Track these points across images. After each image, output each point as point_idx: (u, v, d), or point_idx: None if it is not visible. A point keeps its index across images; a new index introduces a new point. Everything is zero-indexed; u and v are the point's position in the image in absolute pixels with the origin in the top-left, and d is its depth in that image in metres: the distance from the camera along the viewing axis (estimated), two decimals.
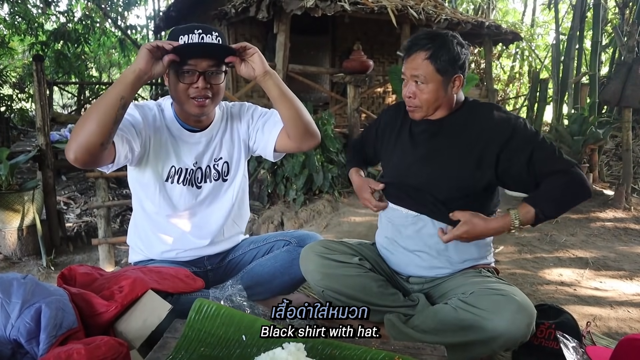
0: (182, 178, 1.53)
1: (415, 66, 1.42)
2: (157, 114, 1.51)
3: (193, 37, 1.35)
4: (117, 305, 1.28)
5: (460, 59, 1.41)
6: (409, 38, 1.47)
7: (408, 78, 1.45)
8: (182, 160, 1.53)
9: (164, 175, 1.52)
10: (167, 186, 1.53)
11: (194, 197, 1.57)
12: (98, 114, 1.23)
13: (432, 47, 1.39)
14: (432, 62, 1.39)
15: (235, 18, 6.03)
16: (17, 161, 4.33)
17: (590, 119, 5.86)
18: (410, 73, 1.43)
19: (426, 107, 1.45)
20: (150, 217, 1.58)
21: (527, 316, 1.26)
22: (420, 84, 1.42)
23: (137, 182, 1.56)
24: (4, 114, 8.99)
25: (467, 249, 1.50)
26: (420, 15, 5.80)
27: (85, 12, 11.20)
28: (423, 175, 1.48)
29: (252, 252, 1.74)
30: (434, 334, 1.33)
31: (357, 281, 1.48)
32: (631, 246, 3.99)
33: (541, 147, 1.37)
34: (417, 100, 1.45)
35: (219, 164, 1.60)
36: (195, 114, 1.46)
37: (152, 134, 1.48)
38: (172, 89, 1.43)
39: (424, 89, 1.42)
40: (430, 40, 1.40)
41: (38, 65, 4.41)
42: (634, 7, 6.94)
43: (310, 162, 4.93)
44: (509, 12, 12.70)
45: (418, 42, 1.42)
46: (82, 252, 4.57)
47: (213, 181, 1.59)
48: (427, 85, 1.41)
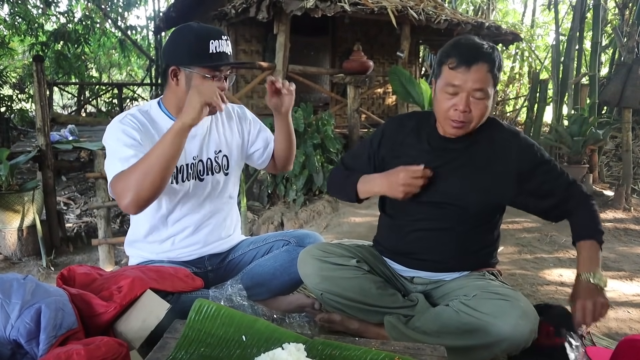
0: (186, 175, 1.53)
1: (478, 79, 1.30)
2: (144, 131, 1.45)
3: (221, 42, 1.42)
4: (116, 305, 1.28)
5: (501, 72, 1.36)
6: (466, 45, 1.33)
7: (466, 90, 1.32)
8: (182, 157, 1.50)
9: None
10: (171, 188, 1.52)
11: (197, 190, 1.57)
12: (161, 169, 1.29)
13: (495, 59, 1.30)
14: (492, 77, 1.31)
15: (235, 18, 6.03)
16: (17, 161, 4.33)
17: (590, 120, 5.86)
18: (472, 86, 1.31)
19: (476, 123, 1.37)
20: (154, 218, 1.57)
21: (530, 322, 1.26)
22: (478, 99, 1.32)
23: None
24: (4, 114, 8.99)
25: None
26: (420, 16, 5.80)
27: (86, 12, 11.21)
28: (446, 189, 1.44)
29: (252, 252, 1.73)
30: (436, 336, 1.33)
31: (356, 283, 1.48)
32: (631, 247, 3.99)
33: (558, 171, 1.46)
34: (470, 115, 1.34)
35: (219, 156, 1.60)
36: (212, 112, 1.46)
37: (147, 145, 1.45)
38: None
39: (481, 105, 1.33)
40: (490, 52, 1.31)
41: (38, 66, 4.41)
42: (633, 8, 6.95)
43: (310, 163, 4.93)
44: (509, 12, 12.70)
45: (483, 51, 1.30)
46: (82, 252, 4.57)
47: (215, 174, 1.60)
48: (486, 100, 1.33)
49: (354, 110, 5.82)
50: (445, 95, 1.35)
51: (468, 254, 1.49)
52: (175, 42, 1.46)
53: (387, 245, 1.59)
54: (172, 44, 1.46)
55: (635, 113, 6.98)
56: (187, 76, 1.42)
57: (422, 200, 1.45)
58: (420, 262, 1.52)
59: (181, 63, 1.42)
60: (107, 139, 1.43)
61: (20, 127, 9.47)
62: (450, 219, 1.46)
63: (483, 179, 1.42)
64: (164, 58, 1.49)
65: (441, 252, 1.49)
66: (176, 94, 1.47)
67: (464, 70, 1.30)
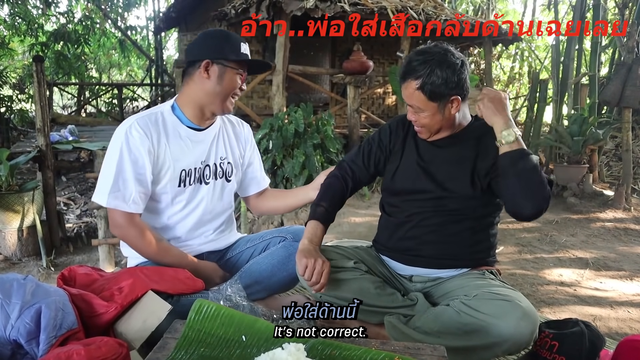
0: (193, 179, 1.57)
1: (408, 95, 1.42)
2: (154, 137, 1.49)
3: (246, 46, 1.54)
4: (116, 306, 1.28)
5: (453, 80, 1.37)
6: (409, 58, 1.43)
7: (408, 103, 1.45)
8: (190, 161, 1.56)
9: (176, 183, 1.54)
10: (176, 190, 1.55)
11: (201, 193, 1.60)
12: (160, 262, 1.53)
13: (422, 76, 1.37)
14: (422, 92, 1.38)
15: (235, 19, 6.03)
16: (17, 162, 4.33)
17: (590, 120, 5.86)
18: (407, 101, 1.44)
19: (427, 130, 1.47)
20: (154, 220, 1.58)
21: (531, 323, 1.26)
22: (417, 111, 1.43)
23: None
24: (4, 114, 8.99)
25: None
26: (420, 15, 5.80)
27: (85, 13, 11.22)
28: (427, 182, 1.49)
29: (249, 250, 1.74)
30: (436, 337, 1.33)
31: (354, 284, 1.48)
32: (631, 246, 3.99)
33: None
34: (418, 123, 1.47)
35: (224, 162, 1.65)
36: (228, 111, 1.58)
37: (157, 156, 1.50)
38: (223, 85, 1.51)
39: (421, 116, 1.43)
40: (421, 67, 1.37)
41: (38, 66, 4.40)
42: (633, 8, 6.95)
43: (310, 163, 4.93)
44: (509, 12, 12.70)
45: (410, 69, 1.39)
46: (82, 252, 4.56)
47: (219, 179, 1.64)
48: (423, 112, 1.42)
49: (354, 110, 5.82)
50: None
51: (464, 250, 1.49)
52: (208, 40, 1.52)
53: (385, 243, 1.60)
54: (204, 41, 1.52)
55: (635, 113, 6.98)
56: (220, 70, 1.49)
57: (416, 197, 1.50)
58: (417, 258, 1.53)
59: (217, 57, 1.48)
60: (112, 148, 1.46)
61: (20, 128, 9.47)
62: (443, 213, 1.48)
63: (464, 169, 1.46)
64: (193, 55, 1.52)
65: (437, 248, 1.50)
66: (202, 88, 1.51)
67: (401, 85, 1.43)
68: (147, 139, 1.46)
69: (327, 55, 7.88)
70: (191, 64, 1.52)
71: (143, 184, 1.47)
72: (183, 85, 1.56)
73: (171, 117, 1.55)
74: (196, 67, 1.50)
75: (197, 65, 1.50)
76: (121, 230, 1.48)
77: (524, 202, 1.33)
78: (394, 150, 1.59)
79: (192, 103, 1.54)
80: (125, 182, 1.44)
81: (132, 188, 1.44)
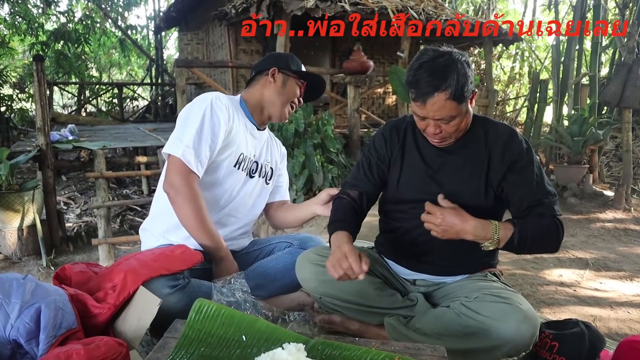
0: (244, 165, 1.66)
1: (437, 109, 1.29)
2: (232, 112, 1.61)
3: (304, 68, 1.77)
4: (110, 306, 1.27)
5: (470, 77, 1.30)
6: (424, 74, 1.28)
7: (430, 118, 1.32)
8: (248, 150, 1.67)
9: (233, 161, 1.62)
10: (233, 171, 1.62)
11: (248, 184, 1.68)
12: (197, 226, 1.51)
13: (450, 86, 1.26)
14: (453, 99, 1.27)
15: (236, 18, 6.03)
16: (17, 161, 4.33)
17: (590, 120, 5.86)
18: (433, 116, 1.31)
19: (455, 136, 1.39)
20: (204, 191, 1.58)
21: (531, 326, 1.26)
22: (446, 122, 1.32)
23: None
24: (4, 114, 8.99)
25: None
26: (420, 15, 5.80)
27: (86, 12, 11.21)
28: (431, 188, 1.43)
29: (255, 252, 1.75)
30: (437, 338, 1.33)
31: (353, 286, 1.47)
32: (631, 247, 3.99)
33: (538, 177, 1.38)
34: (444, 134, 1.36)
35: (269, 165, 1.78)
36: (284, 118, 1.74)
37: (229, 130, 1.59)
38: (285, 91, 1.69)
39: (451, 125, 1.33)
40: (444, 78, 1.26)
41: (38, 65, 4.40)
42: (634, 8, 6.95)
43: (310, 163, 4.93)
44: (509, 12, 12.70)
45: (432, 84, 1.27)
46: (82, 252, 4.56)
47: (261, 177, 1.75)
48: (454, 120, 1.32)
49: (354, 110, 5.82)
50: (416, 117, 1.37)
51: (472, 256, 1.48)
52: (276, 56, 1.77)
53: (389, 248, 1.59)
54: (272, 57, 1.76)
55: (635, 113, 6.98)
56: (284, 78, 1.69)
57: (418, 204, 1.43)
58: (424, 265, 1.51)
59: (283, 67, 1.69)
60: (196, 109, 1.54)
61: (20, 127, 9.48)
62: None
63: (477, 176, 1.41)
64: (262, 66, 1.73)
65: (444, 255, 1.48)
66: (266, 89, 1.68)
67: (421, 104, 1.30)
68: (227, 112, 1.57)
69: (327, 55, 7.88)
70: (259, 72, 1.71)
71: (212, 151, 1.53)
72: (249, 87, 1.74)
73: (239, 109, 1.68)
74: (264, 74, 1.69)
75: (264, 72, 1.69)
76: (178, 185, 1.47)
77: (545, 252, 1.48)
78: (393, 158, 1.52)
79: (255, 101, 1.70)
80: (201, 143, 1.50)
81: (204, 151, 1.50)
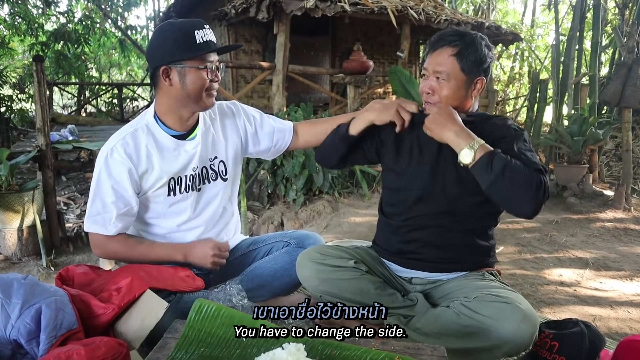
0: (183, 186, 1.52)
1: (441, 62, 1.39)
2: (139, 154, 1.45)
3: (206, 31, 1.39)
4: (114, 307, 1.28)
5: (485, 62, 1.40)
6: (437, 33, 1.43)
7: (430, 73, 1.42)
8: (179, 169, 1.50)
9: (166, 191, 1.51)
10: (169, 200, 1.52)
11: (196, 200, 1.56)
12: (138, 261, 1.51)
13: (460, 45, 1.37)
14: (458, 60, 1.38)
15: (235, 18, 6.03)
16: (17, 161, 4.33)
17: (590, 120, 5.86)
18: (433, 68, 1.41)
19: (444, 105, 1.41)
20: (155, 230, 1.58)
21: (531, 325, 1.26)
22: (442, 80, 1.40)
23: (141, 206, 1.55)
24: (4, 114, 8.99)
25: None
26: (420, 15, 5.80)
27: (85, 12, 11.21)
28: (428, 182, 1.45)
29: (252, 253, 1.73)
30: (436, 338, 1.33)
31: (354, 284, 1.47)
32: (631, 247, 3.99)
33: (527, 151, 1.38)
34: (435, 97, 1.42)
35: (215, 163, 1.58)
36: (211, 105, 1.47)
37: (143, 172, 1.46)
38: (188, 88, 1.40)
39: (444, 86, 1.40)
40: (458, 38, 1.38)
41: (38, 66, 4.40)
42: (633, 8, 6.95)
43: (310, 163, 4.94)
44: (509, 12, 12.70)
45: (446, 37, 1.39)
46: (82, 252, 4.56)
47: (212, 181, 1.59)
48: (448, 82, 1.40)
49: (354, 110, 5.82)
50: (422, 80, 1.48)
51: (465, 253, 1.49)
52: (160, 41, 1.40)
53: (384, 246, 1.59)
54: (157, 43, 1.41)
55: (635, 113, 6.98)
56: (180, 73, 1.38)
57: (418, 200, 1.47)
58: (417, 262, 1.52)
59: (171, 61, 1.37)
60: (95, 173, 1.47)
61: (20, 127, 9.48)
62: (444, 216, 1.46)
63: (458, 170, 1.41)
64: (151, 61, 1.42)
65: (437, 251, 1.49)
66: (170, 96, 1.42)
67: (430, 54, 1.43)
68: (128, 160, 1.42)
69: (327, 55, 7.88)
70: (153, 73, 1.42)
71: (125, 205, 1.45)
72: (155, 94, 1.48)
73: (155, 127, 1.48)
74: (158, 76, 1.40)
75: (157, 73, 1.40)
76: (101, 249, 1.52)
77: (517, 204, 1.29)
78: (385, 141, 1.55)
79: (167, 112, 1.47)
80: (106, 206, 1.44)
81: (112, 212, 1.44)
